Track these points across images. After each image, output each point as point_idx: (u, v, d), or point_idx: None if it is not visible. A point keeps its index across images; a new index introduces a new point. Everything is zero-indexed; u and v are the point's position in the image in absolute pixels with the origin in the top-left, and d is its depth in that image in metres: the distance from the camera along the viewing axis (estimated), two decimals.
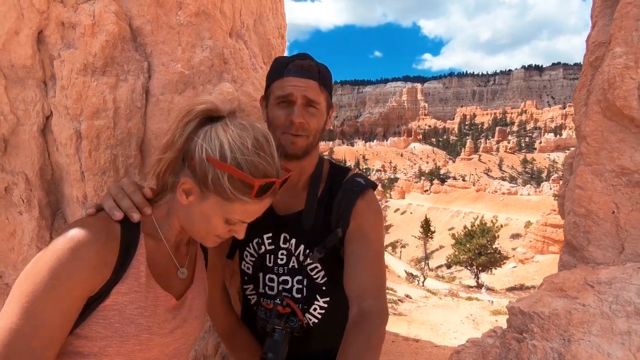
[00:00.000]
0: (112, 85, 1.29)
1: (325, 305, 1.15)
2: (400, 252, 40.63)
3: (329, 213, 1.13)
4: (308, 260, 1.13)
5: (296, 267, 1.14)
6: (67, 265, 0.71)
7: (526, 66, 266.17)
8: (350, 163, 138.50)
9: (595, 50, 1.52)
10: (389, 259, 30.75)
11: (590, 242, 1.32)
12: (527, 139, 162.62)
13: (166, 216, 0.91)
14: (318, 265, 1.13)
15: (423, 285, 21.34)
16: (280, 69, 1.09)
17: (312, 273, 1.14)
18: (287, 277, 1.15)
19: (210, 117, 0.85)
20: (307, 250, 1.13)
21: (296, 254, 1.14)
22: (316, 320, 1.16)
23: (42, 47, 1.29)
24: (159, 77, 1.34)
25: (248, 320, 1.22)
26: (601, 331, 1.11)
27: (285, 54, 2.21)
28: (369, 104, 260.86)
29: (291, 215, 1.15)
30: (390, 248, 39.29)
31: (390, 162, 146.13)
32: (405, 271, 26.35)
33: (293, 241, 1.14)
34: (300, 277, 1.14)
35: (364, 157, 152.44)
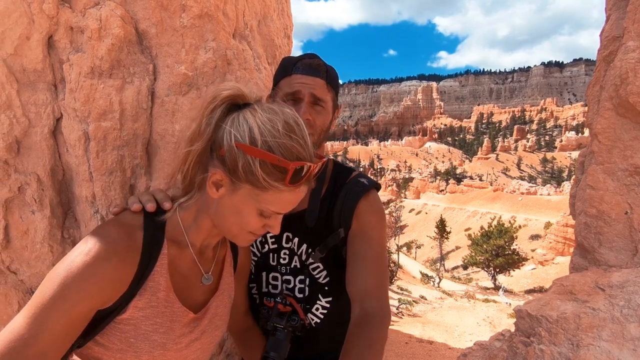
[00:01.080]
0: (119, 88, 1.32)
1: (328, 306, 1.15)
2: (415, 252, 40.19)
3: (332, 212, 1.13)
4: (310, 260, 1.13)
5: (298, 266, 1.14)
6: (79, 280, 0.70)
7: (546, 63, 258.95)
8: (364, 163, 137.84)
9: (608, 45, 1.46)
10: (403, 259, 30.47)
11: (602, 243, 1.27)
12: (547, 138, 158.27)
13: (194, 218, 0.86)
14: (320, 265, 1.13)
15: (438, 287, 21.06)
16: (288, 67, 1.11)
17: (314, 273, 1.14)
18: (290, 277, 1.15)
19: (237, 104, 0.81)
20: (310, 250, 1.13)
21: (299, 253, 1.14)
22: (318, 320, 1.15)
23: (52, 52, 1.34)
24: (164, 79, 1.37)
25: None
26: (612, 336, 1.06)
27: (292, 53, 2.21)
28: (383, 103, 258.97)
29: (294, 214, 1.15)
30: (405, 248, 38.91)
31: (405, 162, 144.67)
32: (420, 272, 26.04)
33: (296, 240, 1.14)
34: (302, 277, 1.14)
35: (378, 156, 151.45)
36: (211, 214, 0.84)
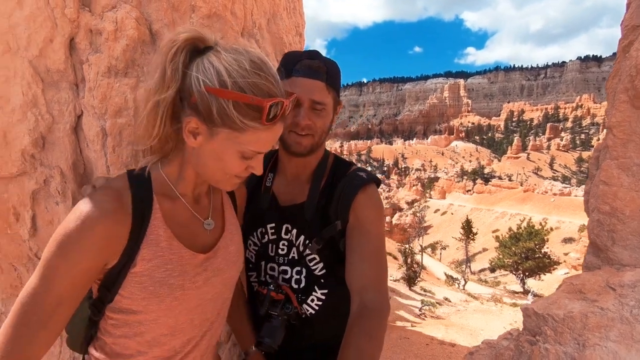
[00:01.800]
0: (133, 86, 1.40)
1: (323, 297, 1.17)
2: (440, 253, 39.35)
3: (329, 205, 1.15)
4: (307, 251, 1.15)
5: (296, 257, 1.17)
6: (74, 242, 0.74)
7: (582, 57, 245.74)
8: (388, 162, 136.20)
9: (628, 34, 1.39)
10: (427, 260, 29.90)
11: (615, 242, 1.22)
12: (582, 136, 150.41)
13: (179, 171, 0.88)
14: (316, 256, 1.15)
15: (463, 289, 20.53)
16: (288, 68, 1.11)
17: (311, 264, 1.16)
18: (287, 267, 1.18)
19: (198, 49, 0.79)
20: (307, 242, 1.15)
21: (297, 245, 1.17)
22: (313, 312, 1.17)
23: (74, 53, 1.43)
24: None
25: (251, 308, 1.26)
26: (620, 337, 1.02)
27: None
28: (408, 102, 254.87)
29: (293, 206, 1.18)
30: (429, 249, 38.18)
31: (431, 161, 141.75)
32: (445, 273, 25.47)
33: (294, 232, 1.17)
34: (299, 268, 1.16)
35: (403, 155, 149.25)
36: (193, 163, 0.86)
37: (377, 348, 0.96)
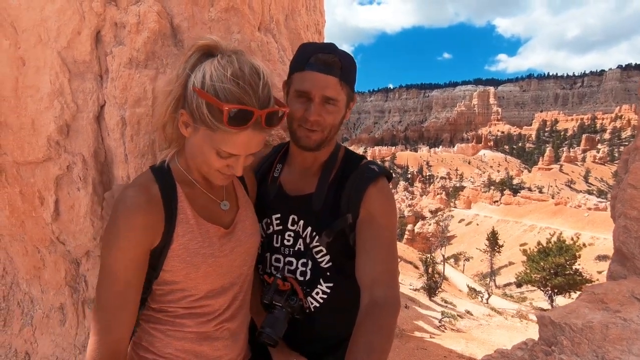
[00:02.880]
0: (152, 77, 1.44)
1: (328, 291, 1.15)
2: (464, 265, 38.17)
3: (339, 197, 1.13)
4: (314, 243, 1.14)
5: (302, 249, 1.16)
6: (123, 235, 0.89)
7: (623, 65, 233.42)
8: (413, 169, 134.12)
9: None
10: (449, 271, 29.09)
11: None
12: (621, 148, 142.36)
13: (186, 160, 1.01)
14: (323, 249, 1.13)
15: (487, 303, 19.79)
16: (302, 61, 1.10)
17: (317, 256, 1.15)
18: (293, 259, 1.17)
19: (211, 54, 0.90)
20: (314, 233, 1.14)
21: (303, 236, 1.16)
22: (317, 305, 1.16)
23: (99, 45, 1.49)
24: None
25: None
26: None
27: None
28: (435, 109, 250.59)
29: (301, 197, 1.17)
30: (452, 260, 37.15)
31: (457, 170, 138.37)
32: (468, 286, 24.68)
33: (301, 223, 1.16)
34: (305, 260, 1.15)
35: (427, 163, 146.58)
36: (187, 154, 0.99)
37: (388, 343, 0.94)
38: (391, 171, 1.31)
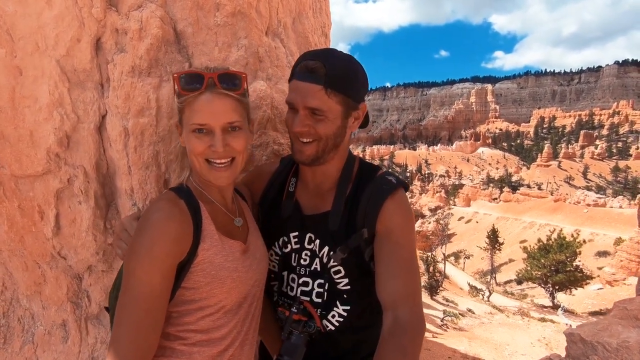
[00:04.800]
0: (156, 86, 1.38)
1: (345, 314, 1.10)
2: (464, 263, 38.20)
3: (355, 213, 1.07)
4: (331, 262, 1.08)
5: (318, 269, 1.10)
6: (156, 242, 0.88)
7: (620, 61, 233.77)
8: (411, 167, 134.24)
9: None
10: (450, 269, 29.11)
11: None
12: (619, 144, 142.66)
13: (198, 180, 1.04)
14: (341, 268, 1.08)
15: (488, 301, 19.83)
16: (292, 70, 1.05)
17: (335, 277, 1.09)
18: (308, 279, 1.11)
19: None
20: (331, 252, 1.08)
21: (320, 256, 1.10)
22: (333, 328, 1.10)
23: (100, 53, 1.42)
24: None
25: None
26: None
27: None
28: (433, 107, 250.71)
29: (317, 215, 1.12)
30: (452, 258, 37.16)
31: (455, 168, 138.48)
32: (469, 284, 24.69)
33: (317, 242, 1.10)
34: (322, 281, 1.10)
35: (426, 161, 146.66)
36: (192, 168, 1.02)
37: None
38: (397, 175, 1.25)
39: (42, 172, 1.49)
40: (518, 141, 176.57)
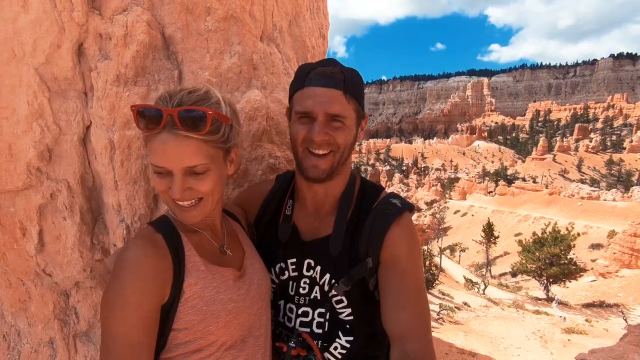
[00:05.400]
0: (143, 95, 1.29)
1: (348, 346, 1.03)
2: (459, 256, 38.46)
3: (359, 239, 1.00)
4: (333, 292, 1.01)
5: (319, 298, 1.03)
6: (130, 285, 0.80)
7: (615, 55, 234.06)
8: (407, 161, 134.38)
9: None
10: (446, 262, 29.28)
11: None
12: (614, 137, 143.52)
13: None
14: (344, 298, 1.01)
15: (483, 294, 19.97)
16: (301, 77, 0.97)
17: (337, 307, 1.02)
18: (308, 309, 1.04)
19: None
20: (332, 280, 1.02)
21: (320, 283, 1.03)
22: None
23: (82, 59, 1.33)
24: (189, 86, 1.31)
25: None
26: None
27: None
28: (429, 100, 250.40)
29: (317, 240, 1.04)
30: (447, 251, 37.40)
31: (451, 161, 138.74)
32: (464, 277, 24.85)
33: (318, 269, 1.03)
34: (322, 310, 1.03)
35: (422, 155, 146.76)
36: None
37: None
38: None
39: (22, 187, 1.40)
40: (514, 134, 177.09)
